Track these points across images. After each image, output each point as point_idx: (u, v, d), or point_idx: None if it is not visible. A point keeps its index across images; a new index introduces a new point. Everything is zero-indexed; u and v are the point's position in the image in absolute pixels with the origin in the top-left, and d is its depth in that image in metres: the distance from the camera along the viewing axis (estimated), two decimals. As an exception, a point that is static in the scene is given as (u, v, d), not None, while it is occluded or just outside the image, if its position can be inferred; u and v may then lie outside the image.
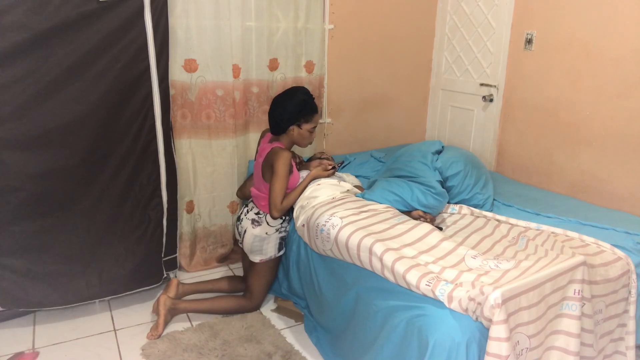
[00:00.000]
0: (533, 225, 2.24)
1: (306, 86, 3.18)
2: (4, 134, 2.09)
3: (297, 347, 2.26)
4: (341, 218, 2.09)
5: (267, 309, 2.58)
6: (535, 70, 2.98)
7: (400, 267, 1.76)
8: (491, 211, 2.48)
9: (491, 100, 3.28)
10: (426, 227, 2.05)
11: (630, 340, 2.02)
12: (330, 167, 2.48)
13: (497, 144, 3.31)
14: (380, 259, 1.83)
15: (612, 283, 1.92)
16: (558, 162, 2.92)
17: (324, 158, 2.62)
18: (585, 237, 2.10)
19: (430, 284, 1.67)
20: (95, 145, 2.28)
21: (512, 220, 2.30)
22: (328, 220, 2.11)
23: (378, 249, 1.86)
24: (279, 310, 2.57)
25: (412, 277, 1.72)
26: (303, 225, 2.26)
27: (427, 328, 1.60)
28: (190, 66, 2.72)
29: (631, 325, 2.02)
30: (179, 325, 2.40)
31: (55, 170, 2.21)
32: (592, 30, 2.65)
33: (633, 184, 2.55)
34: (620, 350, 2.02)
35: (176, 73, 2.69)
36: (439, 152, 2.60)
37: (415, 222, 2.11)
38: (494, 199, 2.60)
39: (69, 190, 2.27)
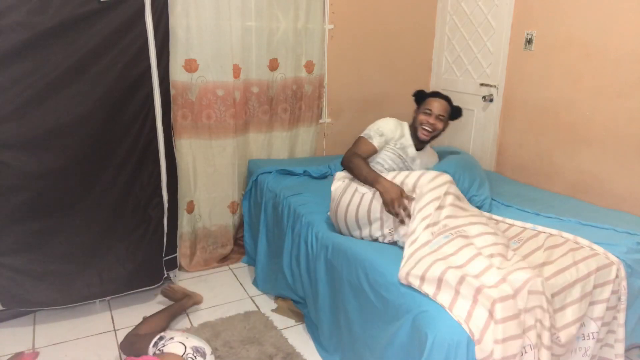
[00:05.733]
0: (529, 225, 2.22)
1: (306, 86, 3.19)
2: (5, 133, 2.09)
3: (298, 349, 2.25)
4: None
5: (268, 309, 2.58)
6: (535, 70, 2.98)
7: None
8: (489, 212, 2.47)
9: (491, 100, 3.28)
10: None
11: (620, 349, 1.97)
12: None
13: (497, 144, 3.31)
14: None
15: (599, 290, 1.89)
16: (558, 162, 2.92)
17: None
18: (580, 240, 2.04)
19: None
20: (96, 145, 2.28)
21: (509, 220, 2.29)
22: None
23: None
24: (279, 310, 2.57)
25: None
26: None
27: (427, 326, 1.59)
28: (190, 66, 2.72)
29: (620, 332, 1.97)
30: (180, 325, 2.41)
31: (55, 170, 2.21)
32: (592, 30, 2.65)
33: (633, 184, 2.55)
34: (610, 357, 1.99)
35: (177, 73, 2.69)
36: None
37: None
38: (492, 199, 2.59)
39: (70, 190, 2.27)
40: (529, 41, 2.99)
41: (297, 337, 2.35)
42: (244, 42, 2.87)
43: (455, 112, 2.41)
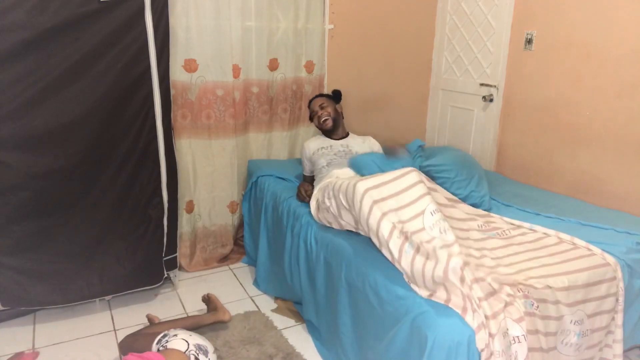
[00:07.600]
0: (526, 225, 2.21)
1: (306, 86, 3.19)
2: (5, 133, 2.09)
3: (298, 349, 2.25)
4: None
5: (268, 309, 2.58)
6: (535, 70, 2.98)
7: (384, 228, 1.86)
8: (489, 210, 2.47)
9: (491, 100, 3.28)
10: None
11: (618, 349, 1.96)
12: None
13: (497, 144, 3.31)
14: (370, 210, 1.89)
15: (594, 288, 1.89)
16: (558, 162, 2.92)
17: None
18: (577, 240, 2.03)
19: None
20: (96, 144, 2.28)
21: (506, 219, 2.29)
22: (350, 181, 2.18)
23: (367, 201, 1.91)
24: (279, 310, 2.57)
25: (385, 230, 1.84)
26: (319, 199, 2.27)
27: (427, 326, 1.59)
28: (190, 66, 2.72)
29: (619, 333, 1.96)
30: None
31: (56, 170, 2.22)
32: (592, 30, 2.65)
33: (633, 184, 2.56)
34: (608, 358, 1.98)
35: (176, 73, 2.69)
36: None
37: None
38: (492, 199, 2.59)
39: (70, 190, 2.27)
40: (529, 41, 2.99)
41: (297, 337, 2.35)
42: (244, 42, 2.87)
43: (335, 96, 2.83)
